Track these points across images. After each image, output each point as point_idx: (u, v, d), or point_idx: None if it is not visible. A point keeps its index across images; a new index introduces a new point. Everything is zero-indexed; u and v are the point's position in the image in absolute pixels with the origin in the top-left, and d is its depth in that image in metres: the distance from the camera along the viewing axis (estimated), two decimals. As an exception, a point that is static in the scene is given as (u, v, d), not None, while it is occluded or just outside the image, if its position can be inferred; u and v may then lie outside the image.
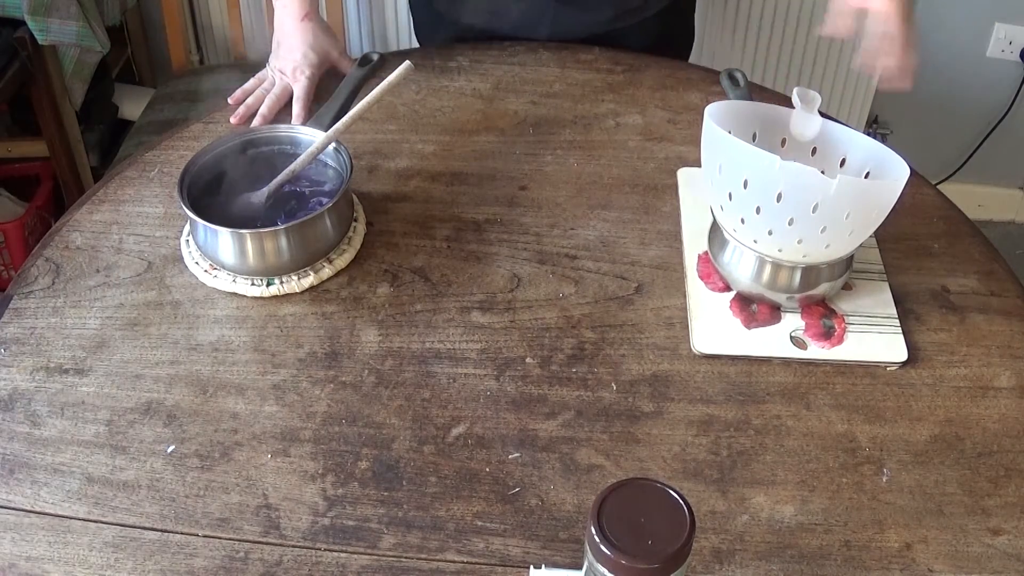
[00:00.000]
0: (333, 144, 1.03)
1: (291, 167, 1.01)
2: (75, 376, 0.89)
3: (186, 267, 0.99)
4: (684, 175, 1.11)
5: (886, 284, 0.99)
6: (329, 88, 1.21)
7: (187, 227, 1.02)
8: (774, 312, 0.96)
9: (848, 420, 0.87)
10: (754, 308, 0.96)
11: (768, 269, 0.93)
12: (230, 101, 1.20)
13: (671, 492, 0.57)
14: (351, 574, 0.76)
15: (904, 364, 0.92)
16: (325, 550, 0.77)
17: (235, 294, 0.97)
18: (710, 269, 0.99)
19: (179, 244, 1.02)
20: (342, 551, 0.77)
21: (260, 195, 1.01)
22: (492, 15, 1.32)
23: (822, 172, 0.84)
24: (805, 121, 0.97)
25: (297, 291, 0.97)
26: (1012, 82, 2.19)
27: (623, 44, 1.33)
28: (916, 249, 1.04)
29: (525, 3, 1.30)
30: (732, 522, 0.80)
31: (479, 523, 0.79)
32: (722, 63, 2.09)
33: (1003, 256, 1.04)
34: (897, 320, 0.95)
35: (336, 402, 0.88)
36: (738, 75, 1.11)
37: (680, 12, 1.42)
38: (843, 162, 0.97)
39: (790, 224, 0.87)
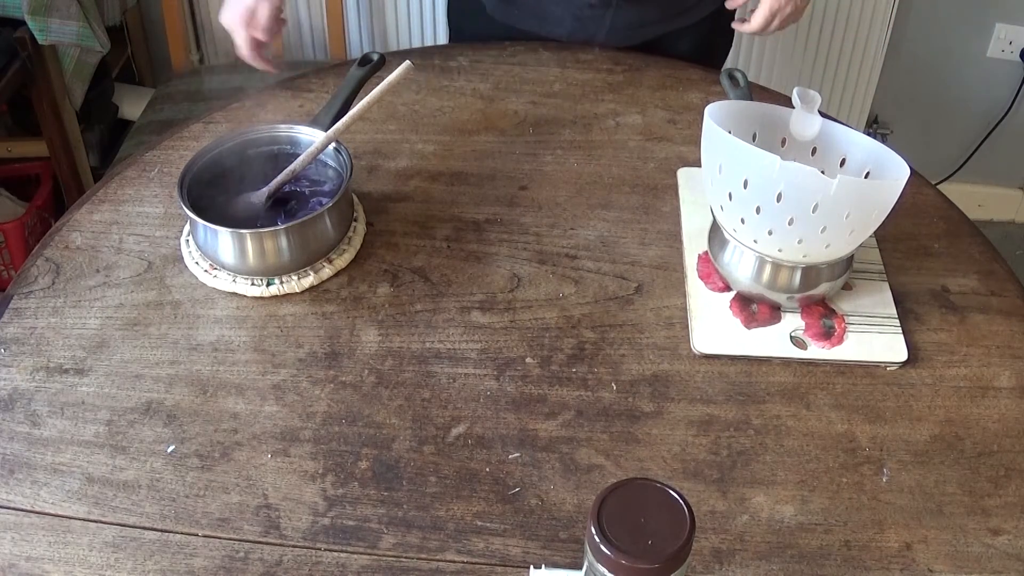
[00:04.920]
0: (333, 144, 1.03)
1: (291, 167, 1.01)
2: (75, 376, 0.89)
3: (186, 267, 0.99)
4: (684, 175, 1.11)
5: (886, 284, 0.99)
6: (329, 88, 1.21)
7: (187, 227, 1.02)
8: (774, 312, 0.96)
9: (848, 420, 0.87)
10: (754, 308, 0.96)
11: (768, 269, 0.93)
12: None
13: (671, 492, 0.57)
14: (351, 574, 0.76)
15: (904, 364, 0.92)
16: (325, 550, 0.77)
17: (235, 294, 0.97)
18: (710, 269, 0.99)
19: (179, 244, 1.02)
20: (342, 551, 0.77)
21: (260, 195, 1.01)
22: (548, 22, 1.32)
23: (822, 172, 0.84)
24: (805, 121, 0.97)
25: (297, 291, 0.97)
26: (1012, 82, 2.19)
27: (673, 50, 1.33)
28: (916, 249, 1.04)
29: (583, 11, 1.30)
30: (732, 522, 0.80)
31: (479, 523, 0.79)
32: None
33: (1003, 256, 1.04)
34: (897, 320, 0.95)
35: (336, 402, 0.88)
36: (738, 75, 1.11)
37: (727, 14, 1.43)
38: (843, 162, 0.97)
39: (790, 224, 0.87)
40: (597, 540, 0.54)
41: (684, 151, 1.15)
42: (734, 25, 1.27)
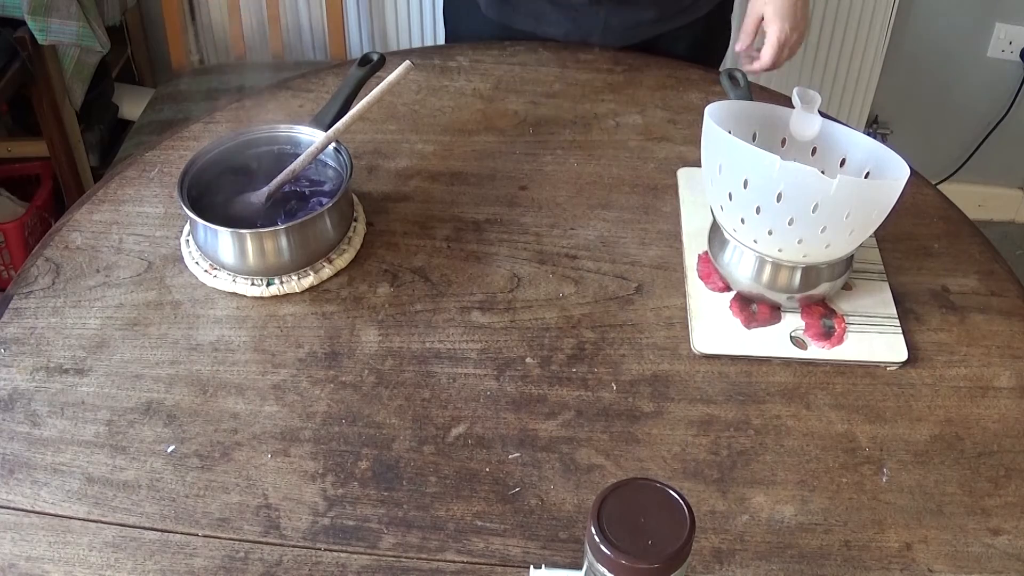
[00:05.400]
0: (333, 144, 1.03)
1: (291, 167, 1.01)
2: (75, 376, 0.89)
3: (186, 267, 0.99)
4: (684, 175, 1.11)
5: (886, 284, 0.99)
6: (329, 88, 1.21)
7: (187, 227, 1.02)
8: (774, 312, 0.96)
9: (848, 420, 0.87)
10: (754, 308, 0.96)
11: (768, 269, 0.93)
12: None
13: (671, 492, 0.57)
14: (351, 574, 0.76)
15: (904, 364, 0.92)
16: (325, 550, 0.77)
17: (235, 294, 0.97)
18: (710, 269, 0.99)
19: (179, 244, 1.02)
20: (342, 551, 0.77)
21: (260, 195, 1.01)
22: (543, 22, 1.32)
23: (822, 172, 0.84)
24: (805, 121, 0.97)
25: (297, 291, 0.97)
26: (1012, 82, 2.19)
27: (671, 50, 1.33)
28: (916, 249, 1.04)
29: (576, 11, 1.30)
30: (732, 522, 0.80)
31: (479, 523, 0.79)
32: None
33: (1003, 256, 1.04)
34: (897, 320, 0.95)
35: (336, 402, 0.88)
36: (738, 75, 1.11)
37: (723, 14, 1.43)
38: (843, 162, 0.97)
39: (790, 224, 0.87)
40: (597, 540, 0.54)
41: (684, 151, 1.15)
42: (744, 66, 1.22)
